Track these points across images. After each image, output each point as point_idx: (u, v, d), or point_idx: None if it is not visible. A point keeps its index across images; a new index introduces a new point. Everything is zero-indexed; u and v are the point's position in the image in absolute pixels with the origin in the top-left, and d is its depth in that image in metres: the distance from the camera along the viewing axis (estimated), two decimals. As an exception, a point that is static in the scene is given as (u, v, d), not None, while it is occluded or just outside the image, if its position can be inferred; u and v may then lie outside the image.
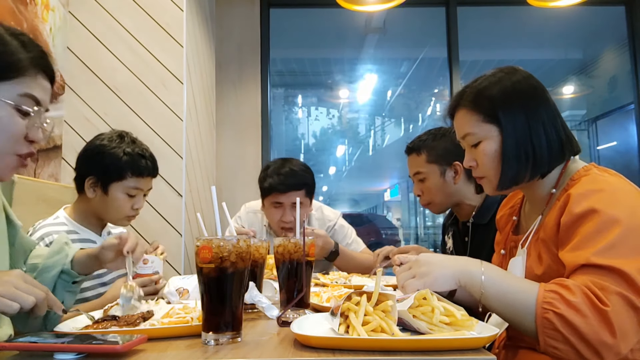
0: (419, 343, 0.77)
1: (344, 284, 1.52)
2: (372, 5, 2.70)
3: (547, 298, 0.89)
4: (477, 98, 1.17)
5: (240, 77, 3.57)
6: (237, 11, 3.59)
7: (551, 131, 1.12)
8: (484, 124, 1.15)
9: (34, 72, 0.94)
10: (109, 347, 0.74)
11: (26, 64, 0.92)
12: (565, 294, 0.87)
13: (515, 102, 1.13)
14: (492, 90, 1.15)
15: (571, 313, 0.85)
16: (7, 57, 0.90)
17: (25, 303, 0.84)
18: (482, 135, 1.16)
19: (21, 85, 0.91)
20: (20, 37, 0.94)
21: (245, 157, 3.51)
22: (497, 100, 1.14)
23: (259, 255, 1.26)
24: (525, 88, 1.15)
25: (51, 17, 2.32)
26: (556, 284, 0.92)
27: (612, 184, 1.02)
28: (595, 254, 0.91)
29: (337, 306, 0.86)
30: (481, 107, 1.16)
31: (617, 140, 6.01)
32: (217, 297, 0.85)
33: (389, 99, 10.02)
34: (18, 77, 0.91)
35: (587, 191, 1.00)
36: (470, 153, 1.20)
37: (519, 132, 1.11)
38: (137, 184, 1.61)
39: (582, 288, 0.87)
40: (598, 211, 0.95)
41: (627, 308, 0.86)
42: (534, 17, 4.72)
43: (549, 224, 1.07)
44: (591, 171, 1.09)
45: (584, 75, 7.28)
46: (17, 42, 0.92)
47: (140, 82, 2.56)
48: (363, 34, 5.72)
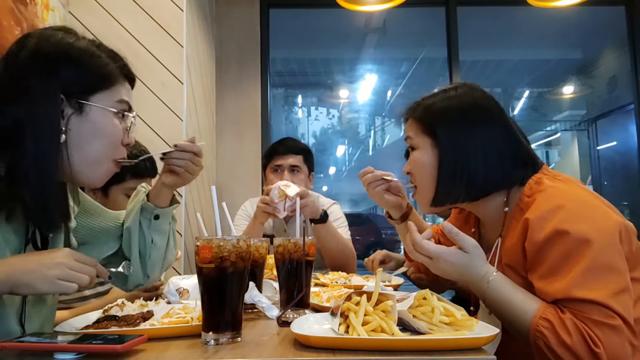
0: (419, 343, 0.76)
1: (344, 284, 1.52)
2: (372, 5, 2.70)
3: (540, 326, 0.92)
4: (424, 110, 1.19)
5: (240, 77, 3.57)
6: (237, 11, 3.59)
7: (492, 155, 1.10)
8: (421, 134, 1.18)
9: (123, 80, 1.04)
10: (109, 347, 0.74)
11: (116, 73, 1.02)
12: (559, 329, 0.90)
13: (457, 121, 1.13)
14: (436, 105, 1.17)
15: (563, 351, 0.89)
16: (103, 70, 0.99)
17: (82, 282, 0.87)
18: (416, 143, 1.19)
19: (115, 92, 1.01)
20: (102, 47, 1.03)
21: (245, 157, 3.51)
22: (438, 115, 1.16)
23: (259, 255, 1.26)
24: (472, 108, 1.14)
25: (51, 17, 2.32)
26: (555, 311, 0.92)
27: (570, 196, 1.00)
28: (573, 286, 0.91)
29: (337, 306, 0.86)
30: (423, 118, 1.18)
31: (617, 140, 6.03)
32: (217, 297, 0.85)
33: (389, 99, 10.02)
34: (114, 86, 1.00)
35: (546, 213, 0.98)
36: (409, 160, 1.22)
37: (455, 151, 1.11)
38: (137, 185, 1.62)
39: (578, 328, 0.89)
40: (565, 232, 0.94)
41: (614, 337, 0.88)
42: (534, 17, 4.72)
43: (512, 250, 1.06)
44: (543, 182, 1.06)
45: (584, 75, 7.28)
46: (105, 55, 1.01)
47: (140, 82, 2.55)
48: (363, 34, 5.72)
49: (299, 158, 2.26)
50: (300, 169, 2.25)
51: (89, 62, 0.97)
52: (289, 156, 2.25)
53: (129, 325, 0.92)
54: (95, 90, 0.97)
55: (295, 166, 2.25)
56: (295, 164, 2.25)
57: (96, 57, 0.99)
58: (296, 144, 2.31)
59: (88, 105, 0.96)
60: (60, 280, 0.85)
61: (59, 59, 0.95)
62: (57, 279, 0.84)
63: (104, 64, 0.99)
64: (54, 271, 0.84)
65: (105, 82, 0.99)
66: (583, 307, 0.90)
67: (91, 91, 0.97)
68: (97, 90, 0.98)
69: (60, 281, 0.85)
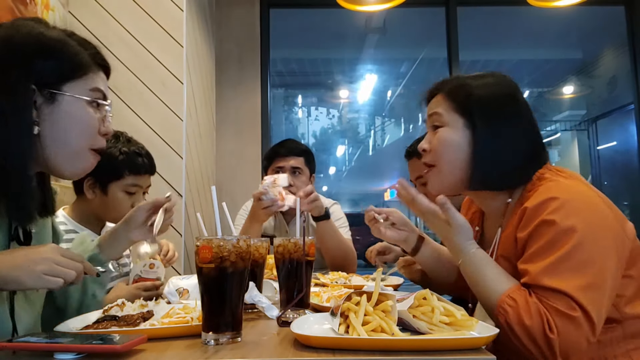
0: (419, 343, 0.76)
1: (344, 284, 1.52)
2: (372, 5, 2.70)
3: (504, 303, 0.94)
4: (457, 88, 1.14)
5: (240, 77, 3.57)
6: (237, 11, 3.59)
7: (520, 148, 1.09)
8: (453, 112, 1.13)
9: (96, 68, 1.00)
10: (109, 347, 0.74)
11: (89, 61, 0.98)
12: (522, 310, 0.92)
13: (495, 107, 1.11)
14: (474, 87, 1.13)
15: (521, 330, 0.91)
16: (75, 58, 0.96)
17: (68, 277, 0.86)
18: (446, 120, 1.13)
19: (88, 81, 0.98)
20: (74, 37, 0.99)
21: (245, 157, 3.51)
22: (476, 97, 1.11)
23: (259, 255, 1.26)
24: (509, 98, 1.12)
25: (51, 17, 2.32)
26: (523, 294, 0.94)
27: (567, 190, 0.99)
28: (541, 273, 0.93)
29: (337, 306, 0.86)
30: (457, 97, 1.13)
31: (617, 140, 6.02)
32: (217, 297, 0.85)
33: (389, 99, 10.04)
34: (87, 74, 0.97)
35: (540, 202, 0.98)
36: (429, 136, 1.17)
37: (491, 137, 1.09)
38: (136, 181, 1.63)
39: (540, 312, 0.90)
40: (552, 222, 0.94)
41: (571, 328, 0.89)
42: (534, 17, 4.72)
43: (507, 240, 1.06)
44: (545, 177, 1.06)
45: (584, 75, 7.28)
46: (75, 42, 0.97)
47: (140, 82, 2.56)
48: (363, 34, 5.73)
49: (301, 160, 2.27)
50: (302, 171, 2.26)
51: (61, 51, 0.94)
52: (290, 158, 2.25)
53: (129, 325, 0.92)
54: (67, 79, 0.95)
55: (296, 168, 2.25)
56: (296, 166, 2.25)
57: (68, 45, 0.96)
58: (298, 146, 2.31)
59: (61, 94, 0.94)
60: (47, 275, 0.84)
61: (30, 48, 0.92)
62: (43, 274, 0.84)
63: (76, 52, 0.96)
64: (40, 266, 0.84)
65: (78, 71, 0.96)
66: (549, 295, 0.91)
67: (63, 80, 0.94)
68: (69, 79, 0.95)
69: (47, 276, 0.84)
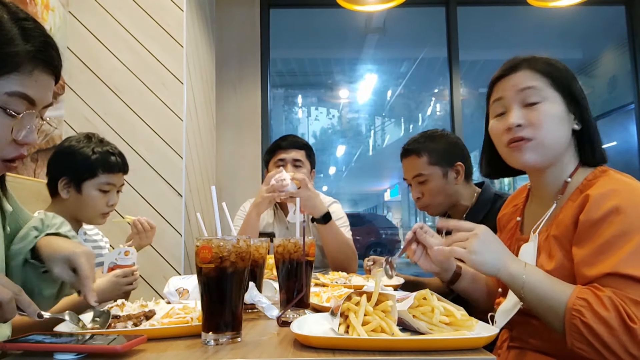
0: (419, 343, 0.77)
1: (344, 284, 1.52)
2: (372, 5, 2.70)
3: (576, 305, 0.91)
4: (549, 66, 1.14)
5: (240, 77, 3.57)
6: (237, 11, 3.59)
7: (595, 127, 1.15)
8: (551, 88, 1.12)
9: (31, 67, 0.82)
10: (109, 347, 0.74)
11: (22, 57, 0.80)
12: (595, 306, 0.89)
13: (579, 87, 1.15)
14: (561, 66, 1.15)
15: (598, 325, 0.88)
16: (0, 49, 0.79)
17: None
18: (545, 95, 1.11)
19: (11, 82, 0.80)
20: (23, 22, 0.82)
21: (245, 157, 3.51)
22: (568, 76, 1.14)
23: (259, 255, 1.26)
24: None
25: (51, 17, 2.32)
26: (590, 290, 0.92)
27: (632, 185, 1.02)
28: (623, 263, 0.92)
29: (337, 306, 0.86)
30: (552, 73, 1.13)
31: (617, 140, 6.01)
32: (217, 297, 0.85)
33: (389, 99, 10.03)
34: (10, 74, 0.80)
35: (607, 191, 1.00)
36: (518, 112, 1.12)
37: (589, 115, 1.13)
38: (109, 179, 1.67)
39: (615, 304, 0.88)
40: (621, 212, 0.95)
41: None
42: (534, 17, 4.71)
43: (563, 222, 1.06)
44: (608, 172, 1.09)
45: (584, 75, 7.27)
46: (17, 30, 0.80)
47: (140, 82, 2.56)
48: (363, 34, 5.72)
49: (302, 153, 2.31)
50: (303, 164, 2.30)
51: None
52: (292, 150, 2.30)
53: (132, 323, 0.92)
54: None
55: (298, 160, 2.29)
56: (298, 158, 2.29)
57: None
58: (298, 140, 2.36)
59: None
60: None
61: None
62: None
63: (5, 41, 0.79)
64: None
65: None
66: (626, 285, 0.90)
67: None
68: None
69: None
